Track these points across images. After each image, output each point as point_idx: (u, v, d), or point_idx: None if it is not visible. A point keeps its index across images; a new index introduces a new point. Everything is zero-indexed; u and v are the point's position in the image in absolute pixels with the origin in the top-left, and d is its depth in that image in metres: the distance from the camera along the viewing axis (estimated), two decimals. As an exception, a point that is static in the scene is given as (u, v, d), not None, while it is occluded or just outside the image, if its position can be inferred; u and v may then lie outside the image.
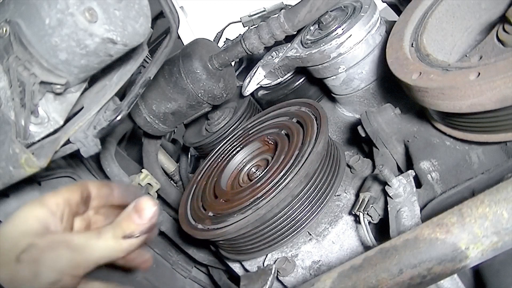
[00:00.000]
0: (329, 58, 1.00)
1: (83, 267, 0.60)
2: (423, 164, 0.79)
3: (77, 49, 0.64)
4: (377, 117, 0.89)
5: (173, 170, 1.56)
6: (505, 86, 0.59)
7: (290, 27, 1.00)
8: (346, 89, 1.07)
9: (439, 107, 0.69)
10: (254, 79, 1.19)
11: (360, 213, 0.76)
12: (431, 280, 0.52)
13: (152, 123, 1.18)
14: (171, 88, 1.13)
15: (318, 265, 0.85)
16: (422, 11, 0.87)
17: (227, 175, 0.99)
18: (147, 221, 0.64)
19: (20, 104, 0.67)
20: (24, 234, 0.60)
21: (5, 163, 0.67)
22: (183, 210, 0.95)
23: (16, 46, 0.65)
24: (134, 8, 0.69)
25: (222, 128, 1.27)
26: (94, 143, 0.72)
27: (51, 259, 0.58)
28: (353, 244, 0.85)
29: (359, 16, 0.99)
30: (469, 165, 0.76)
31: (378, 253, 0.55)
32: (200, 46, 1.15)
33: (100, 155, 1.23)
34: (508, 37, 0.70)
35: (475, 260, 0.50)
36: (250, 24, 1.58)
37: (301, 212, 0.82)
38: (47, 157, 0.68)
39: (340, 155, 0.92)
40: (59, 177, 1.18)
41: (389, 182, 0.74)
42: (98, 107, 0.75)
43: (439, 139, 0.81)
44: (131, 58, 0.82)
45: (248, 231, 0.81)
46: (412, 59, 0.76)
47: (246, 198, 0.82)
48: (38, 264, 0.57)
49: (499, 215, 0.49)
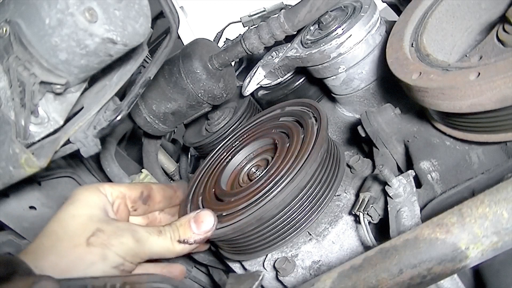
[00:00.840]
0: (329, 58, 1.00)
1: (140, 257, 0.65)
2: (423, 164, 0.79)
3: (77, 49, 0.64)
4: (377, 117, 0.89)
5: (173, 170, 1.56)
6: (505, 86, 0.59)
7: (290, 27, 1.00)
8: (346, 89, 1.07)
9: (439, 107, 0.69)
10: (254, 79, 1.19)
11: (360, 213, 0.76)
12: (431, 280, 0.52)
13: (152, 123, 1.18)
14: (171, 88, 1.13)
15: (318, 265, 0.85)
16: (422, 11, 0.87)
17: (227, 175, 0.99)
18: (203, 233, 0.71)
19: (20, 104, 0.67)
20: (91, 219, 0.64)
21: (5, 163, 0.67)
22: (183, 210, 0.95)
23: (16, 46, 0.65)
24: (134, 8, 0.69)
25: (222, 128, 1.27)
26: (94, 143, 0.73)
27: (117, 244, 0.62)
28: (353, 244, 0.85)
29: (359, 16, 0.99)
30: (469, 165, 0.76)
31: (378, 253, 0.55)
32: (200, 46, 1.15)
33: (100, 155, 1.24)
34: (508, 37, 0.70)
35: (475, 260, 0.50)
36: (250, 24, 1.58)
37: (301, 212, 0.82)
38: (47, 157, 0.68)
39: (340, 155, 0.92)
40: (59, 177, 1.18)
41: (389, 182, 0.74)
42: (98, 107, 0.75)
43: (439, 139, 0.81)
44: (131, 58, 0.82)
45: (248, 231, 0.80)
46: (412, 59, 0.76)
47: (246, 198, 0.82)
48: (105, 248, 0.61)
49: (499, 215, 0.49)
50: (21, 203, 1.09)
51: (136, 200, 0.74)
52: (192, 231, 0.69)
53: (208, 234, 0.71)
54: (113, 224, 0.64)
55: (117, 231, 0.63)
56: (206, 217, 0.71)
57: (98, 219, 0.64)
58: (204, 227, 0.70)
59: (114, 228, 0.63)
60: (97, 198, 0.67)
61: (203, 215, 0.71)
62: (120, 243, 0.62)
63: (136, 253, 0.64)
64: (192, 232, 0.69)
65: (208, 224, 0.71)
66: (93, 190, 0.68)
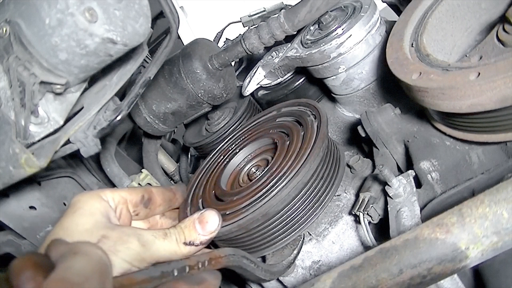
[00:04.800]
0: (329, 58, 1.00)
1: (147, 261, 0.64)
2: (423, 164, 0.79)
3: (77, 49, 0.64)
4: (377, 117, 0.89)
5: (173, 170, 1.56)
6: (505, 86, 0.59)
7: (290, 27, 1.00)
8: (346, 89, 1.07)
9: (439, 107, 0.69)
10: (254, 79, 1.19)
11: (360, 213, 0.76)
12: (431, 280, 0.52)
13: (152, 123, 1.18)
14: (171, 88, 1.13)
15: (318, 265, 0.85)
16: (422, 11, 0.87)
17: (227, 175, 0.99)
18: (208, 233, 0.69)
19: (20, 104, 0.67)
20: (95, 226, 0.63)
21: (5, 163, 0.67)
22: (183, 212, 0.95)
23: (16, 46, 0.65)
24: (134, 8, 0.69)
25: (222, 128, 1.27)
26: (94, 143, 0.73)
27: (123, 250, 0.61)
28: (353, 244, 0.85)
29: (359, 16, 0.99)
30: (469, 165, 0.76)
31: (378, 253, 0.55)
32: (200, 46, 1.15)
33: (100, 155, 1.24)
34: (508, 37, 0.70)
35: (475, 260, 0.50)
36: (250, 24, 1.59)
37: (301, 212, 0.82)
38: (47, 157, 0.68)
39: (340, 155, 0.92)
40: (59, 177, 1.18)
41: (389, 182, 0.74)
42: (98, 107, 0.75)
43: (439, 139, 0.81)
44: (131, 58, 0.82)
45: (252, 228, 0.80)
46: (412, 59, 0.76)
47: (246, 198, 0.82)
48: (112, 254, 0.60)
49: (499, 215, 0.49)
50: (21, 203, 1.09)
51: (137, 204, 0.73)
52: (198, 232, 0.68)
53: (213, 234, 0.70)
54: (118, 230, 0.63)
55: (122, 236, 0.62)
56: (210, 217, 0.70)
57: (103, 226, 0.63)
58: (209, 227, 0.69)
59: (119, 233, 0.63)
60: (99, 204, 0.67)
61: (207, 215, 0.70)
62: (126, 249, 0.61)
63: (143, 258, 0.63)
64: (197, 233, 0.68)
65: (213, 224, 0.70)
66: (94, 197, 0.67)
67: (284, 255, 0.83)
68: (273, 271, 0.79)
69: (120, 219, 0.70)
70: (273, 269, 0.79)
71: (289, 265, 0.82)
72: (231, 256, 0.68)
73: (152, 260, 0.65)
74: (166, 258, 0.66)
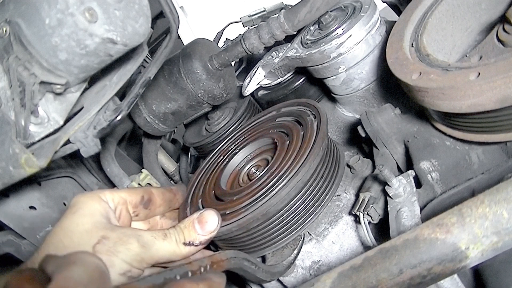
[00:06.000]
0: (329, 58, 1.00)
1: (147, 262, 0.64)
2: (423, 164, 0.79)
3: (77, 49, 0.64)
4: (377, 117, 0.89)
5: (173, 170, 1.56)
6: (505, 86, 0.59)
7: (290, 27, 1.00)
8: (346, 89, 1.07)
9: (439, 107, 0.69)
10: (254, 79, 1.19)
11: (360, 213, 0.76)
12: (431, 280, 0.52)
13: (152, 123, 1.18)
14: (171, 88, 1.13)
15: (318, 265, 0.85)
16: (422, 11, 0.87)
17: (227, 175, 0.99)
18: (208, 233, 0.70)
19: (20, 104, 0.67)
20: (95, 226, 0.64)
21: (5, 163, 0.67)
22: (183, 212, 0.95)
23: (16, 46, 0.65)
24: (134, 8, 0.69)
25: (222, 128, 1.27)
26: (94, 143, 0.73)
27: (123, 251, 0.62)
28: (353, 244, 0.85)
29: (359, 16, 0.99)
30: (469, 165, 0.76)
31: (378, 253, 0.55)
32: (200, 46, 1.15)
33: (100, 155, 1.24)
34: (508, 37, 0.70)
35: (475, 260, 0.50)
36: (250, 24, 1.59)
37: (301, 212, 0.82)
38: (47, 157, 0.68)
39: (340, 155, 0.92)
40: (59, 177, 1.18)
41: (389, 182, 0.74)
42: (98, 107, 0.75)
43: (439, 139, 0.81)
44: (131, 58, 0.82)
45: (248, 230, 0.80)
46: (412, 59, 0.76)
47: (246, 197, 0.82)
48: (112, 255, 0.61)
49: (499, 215, 0.49)
50: (21, 203, 1.09)
51: (137, 205, 0.73)
52: (197, 232, 0.68)
53: (213, 234, 0.70)
54: (117, 231, 0.64)
55: (122, 237, 0.63)
56: (209, 217, 0.70)
57: (103, 227, 0.64)
58: (209, 227, 0.69)
59: (119, 234, 0.63)
60: (99, 205, 0.67)
61: (207, 215, 0.70)
62: (126, 249, 0.62)
63: (143, 258, 0.63)
64: (197, 234, 0.68)
65: (212, 224, 0.70)
66: (94, 198, 0.68)
67: (284, 255, 0.83)
68: (273, 272, 0.79)
69: (120, 220, 0.70)
70: (273, 270, 0.79)
71: (289, 265, 0.82)
72: (232, 259, 0.68)
73: (151, 260, 0.65)
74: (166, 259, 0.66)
